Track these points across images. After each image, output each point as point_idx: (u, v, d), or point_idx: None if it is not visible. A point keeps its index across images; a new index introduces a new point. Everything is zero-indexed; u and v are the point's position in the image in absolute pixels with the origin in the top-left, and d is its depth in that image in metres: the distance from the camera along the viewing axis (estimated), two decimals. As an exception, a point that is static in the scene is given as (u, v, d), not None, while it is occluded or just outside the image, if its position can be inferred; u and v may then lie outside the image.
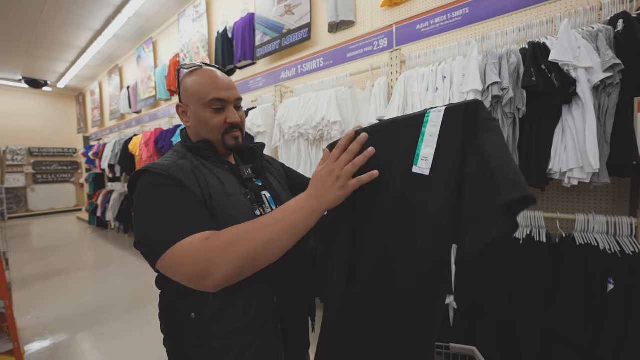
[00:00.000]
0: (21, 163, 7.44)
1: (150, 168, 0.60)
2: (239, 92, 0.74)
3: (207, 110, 0.68)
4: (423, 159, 0.53)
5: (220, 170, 0.67)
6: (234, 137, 0.71)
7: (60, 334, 2.08)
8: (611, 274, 1.12)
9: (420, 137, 0.54)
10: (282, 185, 0.82)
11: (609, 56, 1.05)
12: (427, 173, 0.52)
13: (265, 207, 0.70)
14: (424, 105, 1.48)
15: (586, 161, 1.10)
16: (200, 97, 0.68)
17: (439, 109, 0.53)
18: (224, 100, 0.68)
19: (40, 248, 4.55)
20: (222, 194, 0.62)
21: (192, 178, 0.60)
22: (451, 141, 0.50)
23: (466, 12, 1.52)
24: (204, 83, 0.68)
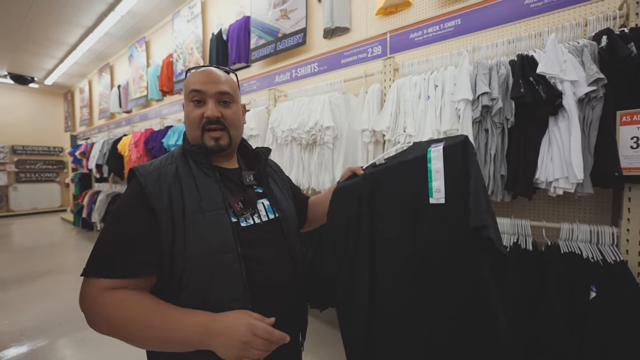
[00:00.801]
0: (3, 161, 7.20)
1: (137, 171, 0.61)
2: (227, 87, 0.69)
3: (189, 104, 0.68)
4: (436, 190, 0.65)
5: (205, 180, 0.64)
6: (212, 137, 0.67)
7: (38, 340, 2.00)
8: (594, 282, 1.15)
9: (428, 173, 0.66)
10: (284, 193, 0.80)
11: (593, 70, 1.09)
12: (443, 201, 0.64)
13: (261, 215, 0.68)
14: (416, 112, 1.49)
15: (571, 171, 1.13)
16: (185, 91, 0.68)
17: (437, 149, 0.66)
18: (201, 92, 0.66)
19: (21, 249, 4.38)
20: (198, 209, 0.60)
21: (164, 194, 0.59)
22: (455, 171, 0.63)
23: (458, 23, 1.56)
24: (192, 78, 0.68)
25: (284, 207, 0.74)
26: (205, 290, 0.57)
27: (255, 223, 0.66)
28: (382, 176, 0.73)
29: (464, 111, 1.33)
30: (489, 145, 1.34)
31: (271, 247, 0.68)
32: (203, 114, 0.66)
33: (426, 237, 0.67)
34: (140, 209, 0.58)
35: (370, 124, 1.64)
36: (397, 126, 1.54)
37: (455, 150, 0.63)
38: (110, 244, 0.56)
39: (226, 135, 0.69)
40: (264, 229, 0.68)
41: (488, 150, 1.34)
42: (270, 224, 0.70)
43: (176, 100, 3.86)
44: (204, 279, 0.57)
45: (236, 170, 0.74)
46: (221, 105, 0.68)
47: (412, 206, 0.69)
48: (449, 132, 1.38)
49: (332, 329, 2.02)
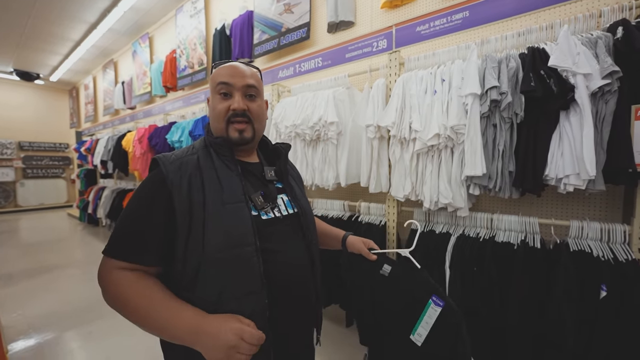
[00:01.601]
0: (11, 157, 7.28)
1: (159, 160, 0.63)
2: (254, 81, 0.70)
3: (216, 97, 0.69)
4: (419, 334, 0.80)
5: (226, 172, 0.64)
6: (237, 129, 0.67)
7: (46, 333, 2.03)
8: (604, 281, 1.12)
9: (420, 317, 0.81)
10: (302, 190, 0.82)
11: (608, 63, 1.05)
12: (419, 344, 0.81)
13: (281, 210, 0.70)
14: (422, 107, 1.47)
15: (582, 168, 1.10)
16: (212, 84, 0.69)
17: (436, 308, 0.79)
18: (228, 84, 0.67)
19: (29, 244, 4.45)
20: (219, 201, 0.60)
21: (183, 183, 0.59)
22: (444, 332, 0.77)
23: (466, 15, 1.52)
24: (218, 71, 0.70)
25: (303, 204, 0.75)
26: (221, 283, 0.57)
27: (275, 217, 0.67)
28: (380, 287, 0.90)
29: (471, 106, 1.30)
30: (497, 141, 1.31)
31: (289, 241, 0.69)
32: (229, 106, 0.67)
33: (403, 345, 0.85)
34: (158, 198, 0.59)
35: (375, 120, 1.62)
36: (403, 121, 1.51)
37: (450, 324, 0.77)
38: (126, 230, 0.59)
39: (250, 128, 0.69)
40: (283, 223, 0.69)
41: (496, 146, 1.31)
42: (290, 218, 0.71)
43: (180, 96, 3.85)
44: (220, 272, 0.57)
45: (257, 165, 0.75)
46: (247, 98, 0.69)
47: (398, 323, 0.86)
48: (455, 127, 1.35)
49: (337, 326, 2.01)
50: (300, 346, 0.70)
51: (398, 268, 0.89)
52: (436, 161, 1.48)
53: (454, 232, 1.54)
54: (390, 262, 0.90)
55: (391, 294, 0.87)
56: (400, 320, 0.85)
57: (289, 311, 0.65)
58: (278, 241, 0.66)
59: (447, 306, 0.77)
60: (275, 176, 0.74)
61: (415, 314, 0.81)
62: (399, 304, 0.86)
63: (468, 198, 1.44)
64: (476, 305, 1.33)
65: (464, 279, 1.37)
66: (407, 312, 0.84)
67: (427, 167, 1.50)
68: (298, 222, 0.72)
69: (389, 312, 0.88)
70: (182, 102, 3.76)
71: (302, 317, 0.69)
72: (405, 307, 0.84)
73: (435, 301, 0.79)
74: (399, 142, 1.57)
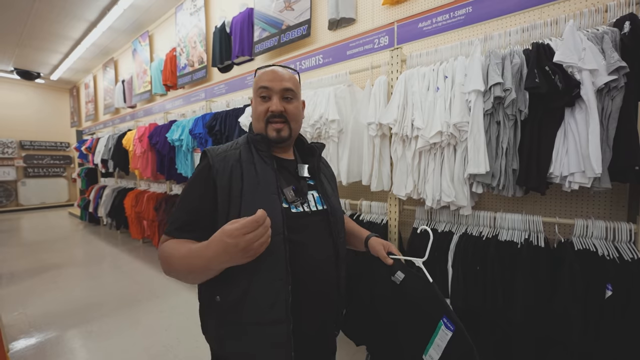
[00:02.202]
0: (12, 156, 7.30)
1: (209, 154, 0.72)
2: (291, 84, 0.76)
3: (257, 99, 0.76)
4: (430, 357, 0.75)
5: (263, 166, 0.71)
6: (275, 128, 0.74)
7: (47, 332, 2.03)
8: (610, 281, 1.11)
9: (432, 338, 0.75)
10: (334, 189, 0.86)
11: (615, 58, 1.03)
12: None
13: (310, 205, 0.74)
14: (425, 105, 1.45)
15: (588, 165, 1.08)
16: (254, 88, 0.77)
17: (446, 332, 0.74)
18: (268, 88, 0.73)
19: (31, 243, 4.45)
20: (254, 191, 0.67)
21: (226, 172, 0.68)
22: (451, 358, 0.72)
23: (469, 11, 1.49)
24: (259, 75, 0.76)
25: (332, 201, 0.79)
26: (252, 266, 0.61)
27: (304, 211, 0.72)
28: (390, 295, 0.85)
29: (475, 103, 1.28)
30: (500, 138, 1.29)
31: (316, 235, 0.73)
32: (268, 108, 0.73)
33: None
34: (205, 183, 0.68)
35: (377, 117, 1.60)
36: (405, 119, 1.50)
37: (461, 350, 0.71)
38: (177, 210, 0.70)
39: (287, 128, 0.76)
40: (311, 218, 0.73)
41: (500, 144, 1.29)
42: (318, 214, 0.75)
43: (180, 94, 3.84)
44: None
45: (292, 162, 0.80)
46: (284, 100, 0.75)
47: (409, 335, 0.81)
48: (458, 124, 1.33)
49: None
50: (319, 339, 0.74)
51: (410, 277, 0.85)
52: (439, 159, 1.46)
53: (456, 230, 1.52)
54: (404, 269, 0.86)
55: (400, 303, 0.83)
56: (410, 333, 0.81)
57: (310, 302, 0.69)
58: (305, 234, 0.70)
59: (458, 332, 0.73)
60: (307, 173, 0.79)
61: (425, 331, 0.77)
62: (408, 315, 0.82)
63: (471, 196, 1.42)
64: (479, 305, 1.32)
65: (467, 278, 1.36)
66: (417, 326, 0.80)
67: (430, 165, 1.48)
68: (326, 219, 0.75)
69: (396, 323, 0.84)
70: (183, 101, 3.75)
71: (321, 309, 0.73)
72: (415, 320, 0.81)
73: (446, 324, 0.75)
74: (400, 140, 1.55)
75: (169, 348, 1.85)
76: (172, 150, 3.29)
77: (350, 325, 0.98)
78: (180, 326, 2.08)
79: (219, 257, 0.56)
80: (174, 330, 2.04)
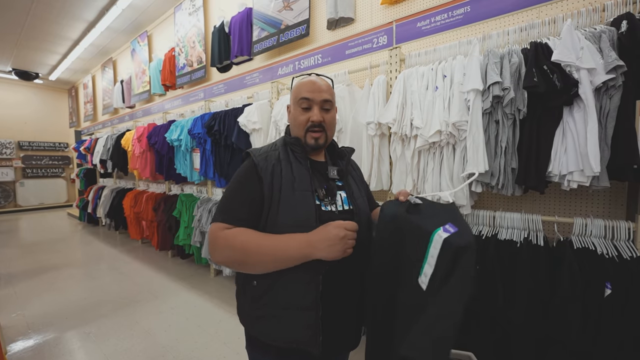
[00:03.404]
0: (10, 157, 7.27)
1: (251, 152, 0.79)
2: (330, 95, 0.82)
3: (297, 109, 0.81)
4: (425, 274, 0.64)
5: (298, 166, 0.78)
6: (313, 137, 0.80)
7: (45, 333, 2.02)
8: (609, 279, 1.11)
9: (425, 254, 0.65)
10: (361, 190, 0.90)
11: (612, 57, 1.03)
12: (424, 288, 0.64)
13: (338, 204, 0.79)
14: (424, 104, 1.45)
15: (587, 164, 1.09)
16: (294, 97, 0.82)
17: (440, 234, 0.61)
18: (309, 99, 0.79)
19: (29, 244, 4.44)
20: (291, 187, 0.74)
21: (269, 170, 0.75)
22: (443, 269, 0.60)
23: (467, 10, 1.50)
24: (300, 86, 0.82)
25: (359, 202, 0.83)
26: None
27: (332, 210, 0.77)
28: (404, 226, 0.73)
29: (473, 102, 1.29)
30: (499, 137, 1.29)
31: None
32: (309, 118, 0.79)
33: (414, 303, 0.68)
34: (253, 179, 0.75)
35: (376, 117, 1.60)
36: (404, 118, 1.50)
37: (451, 251, 0.58)
38: (230, 202, 0.75)
39: (324, 136, 0.81)
40: (338, 217, 0.76)
41: (499, 143, 1.29)
42: (345, 213, 0.79)
43: (179, 94, 3.83)
44: None
45: (323, 164, 0.85)
46: (323, 111, 0.81)
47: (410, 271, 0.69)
48: (457, 123, 1.33)
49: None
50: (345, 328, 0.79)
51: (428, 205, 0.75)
52: (438, 158, 1.46)
53: (455, 230, 1.52)
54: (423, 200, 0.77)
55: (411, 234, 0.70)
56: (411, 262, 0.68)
57: (336, 294, 0.75)
58: None
59: (459, 232, 0.60)
60: (337, 175, 0.84)
61: (421, 253, 0.65)
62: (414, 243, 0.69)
63: (470, 195, 1.42)
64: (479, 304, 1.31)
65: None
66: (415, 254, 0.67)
67: (429, 164, 1.48)
68: (352, 218, 0.78)
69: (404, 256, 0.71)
70: (181, 101, 3.74)
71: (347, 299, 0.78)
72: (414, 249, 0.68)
73: (446, 228, 0.61)
74: (400, 139, 1.55)
75: (168, 349, 1.85)
76: (171, 150, 3.28)
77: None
78: (179, 327, 2.07)
79: (318, 243, 0.65)
80: (173, 331, 2.03)
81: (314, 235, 0.67)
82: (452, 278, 0.57)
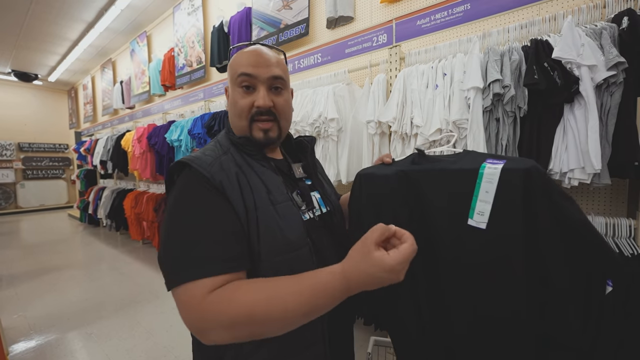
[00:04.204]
0: (10, 158, 7.27)
1: (192, 162, 0.53)
2: (280, 71, 0.61)
3: (236, 90, 0.60)
4: (479, 213, 0.56)
5: (265, 172, 0.59)
6: (262, 128, 0.60)
7: (47, 334, 2.02)
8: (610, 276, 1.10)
9: (475, 191, 0.56)
10: (329, 183, 0.76)
11: (613, 54, 1.03)
12: (483, 227, 0.55)
13: (316, 210, 0.64)
14: (424, 102, 1.44)
15: (588, 161, 1.08)
16: (232, 73, 0.61)
17: (494, 166, 0.55)
18: (251, 75, 0.58)
19: (30, 245, 4.44)
20: (267, 201, 0.55)
21: (234, 183, 0.53)
22: (509, 199, 0.54)
23: (467, 8, 1.49)
24: (241, 59, 0.60)
25: (333, 200, 0.70)
26: None
27: (311, 218, 0.62)
28: (420, 178, 0.64)
29: (474, 100, 1.28)
30: (500, 135, 1.29)
31: (325, 241, 0.63)
32: (253, 102, 0.59)
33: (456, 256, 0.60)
34: (216, 198, 0.51)
35: (376, 115, 1.60)
36: (404, 117, 1.49)
37: (518, 176, 0.53)
38: (197, 242, 0.48)
39: (276, 127, 0.62)
40: (319, 223, 0.64)
41: (499, 141, 1.29)
42: (323, 217, 0.66)
43: (178, 95, 3.83)
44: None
45: (283, 162, 0.68)
46: (272, 92, 0.61)
47: (445, 220, 0.61)
48: (458, 122, 1.33)
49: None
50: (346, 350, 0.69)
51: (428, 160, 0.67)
52: (438, 157, 1.46)
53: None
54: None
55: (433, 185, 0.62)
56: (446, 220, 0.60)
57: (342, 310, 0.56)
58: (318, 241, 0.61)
59: (512, 160, 0.55)
60: (304, 172, 0.68)
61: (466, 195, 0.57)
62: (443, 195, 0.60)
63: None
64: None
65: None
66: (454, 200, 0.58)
67: (429, 162, 1.48)
68: (331, 221, 0.67)
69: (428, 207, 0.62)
70: (181, 101, 3.74)
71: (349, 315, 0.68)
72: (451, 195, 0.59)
73: (492, 161, 0.56)
74: (400, 138, 1.55)
75: (169, 349, 1.85)
76: (171, 150, 3.28)
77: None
78: (181, 327, 2.07)
79: (363, 288, 0.44)
80: (174, 331, 2.03)
81: (354, 283, 0.44)
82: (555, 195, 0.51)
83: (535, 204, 0.52)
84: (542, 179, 0.52)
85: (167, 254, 0.49)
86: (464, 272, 0.59)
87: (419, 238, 0.60)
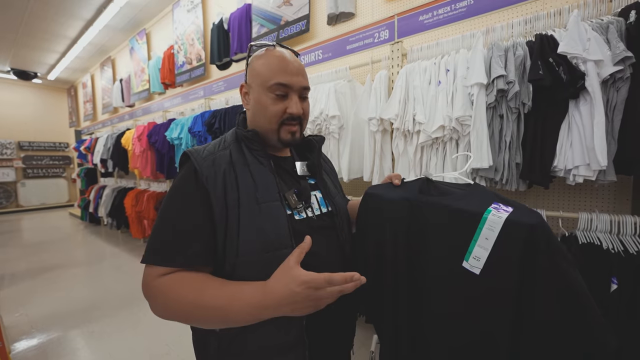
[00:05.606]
0: (11, 157, 7.27)
1: (190, 154, 0.60)
2: (307, 80, 0.66)
3: (268, 95, 0.62)
4: (475, 257, 0.55)
5: (259, 169, 0.61)
6: (290, 131, 0.64)
7: (49, 332, 2.02)
8: (614, 274, 1.10)
9: (474, 235, 0.56)
10: (337, 186, 0.77)
11: (620, 49, 1.01)
12: (477, 272, 0.55)
13: (314, 208, 0.65)
14: (426, 99, 1.43)
15: (593, 158, 1.07)
16: (263, 79, 0.62)
17: (499, 214, 0.54)
18: (287, 85, 0.62)
19: (31, 244, 4.45)
20: (253, 200, 0.57)
21: (219, 181, 0.57)
22: (507, 254, 0.53)
23: (471, 2, 1.47)
24: (271, 65, 0.62)
25: (337, 201, 0.70)
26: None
27: (309, 217, 0.63)
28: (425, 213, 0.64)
29: (477, 96, 1.27)
30: (503, 132, 1.28)
31: (323, 242, 0.63)
32: (285, 109, 0.62)
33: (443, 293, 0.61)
34: (195, 197, 0.56)
35: (378, 112, 1.58)
36: (406, 114, 1.48)
37: (521, 230, 0.51)
38: (166, 233, 0.55)
39: (300, 130, 0.66)
40: (317, 224, 0.64)
41: (503, 138, 1.28)
42: (323, 217, 0.66)
43: (178, 92, 3.81)
44: (257, 275, 0.53)
45: (289, 160, 0.70)
46: (301, 100, 0.65)
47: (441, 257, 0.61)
48: (461, 118, 1.32)
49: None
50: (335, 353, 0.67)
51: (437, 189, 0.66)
52: (441, 154, 1.44)
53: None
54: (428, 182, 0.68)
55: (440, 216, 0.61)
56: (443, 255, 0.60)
57: (322, 322, 0.60)
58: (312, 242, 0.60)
59: (519, 211, 0.53)
60: (307, 171, 0.70)
61: (466, 237, 0.56)
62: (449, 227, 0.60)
63: (474, 191, 1.41)
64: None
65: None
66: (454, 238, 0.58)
67: (432, 159, 1.47)
68: (332, 222, 0.67)
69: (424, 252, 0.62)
70: (181, 99, 3.72)
71: (336, 322, 0.65)
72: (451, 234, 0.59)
73: (498, 207, 0.55)
74: (402, 135, 1.54)
75: (171, 346, 1.85)
76: (172, 148, 3.27)
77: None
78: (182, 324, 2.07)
79: (280, 307, 0.48)
80: (176, 328, 2.03)
81: (271, 297, 0.48)
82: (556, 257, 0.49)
83: (533, 262, 0.50)
84: (546, 237, 0.50)
85: (151, 236, 0.57)
86: (450, 310, 0.59)
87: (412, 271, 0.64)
